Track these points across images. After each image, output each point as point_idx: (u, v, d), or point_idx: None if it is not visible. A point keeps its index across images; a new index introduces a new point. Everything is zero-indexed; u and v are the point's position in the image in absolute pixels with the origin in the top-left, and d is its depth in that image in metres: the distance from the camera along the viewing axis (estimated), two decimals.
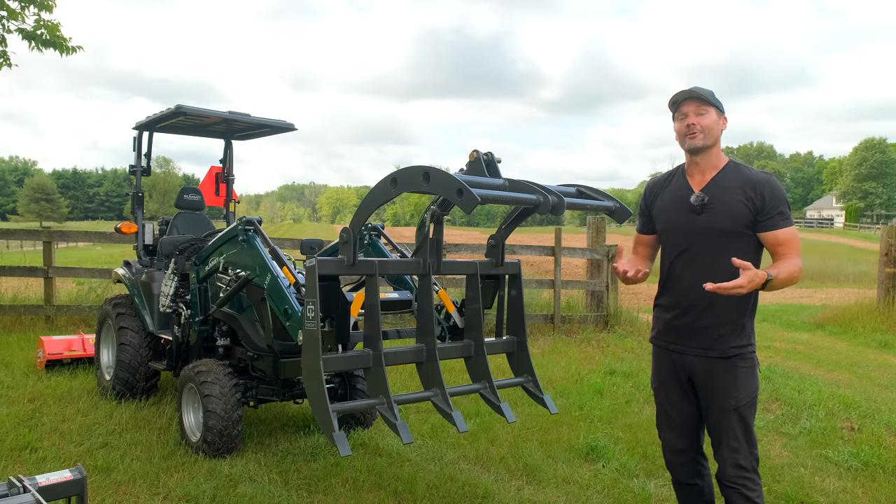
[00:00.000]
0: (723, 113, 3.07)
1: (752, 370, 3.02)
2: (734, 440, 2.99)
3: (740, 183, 2.97)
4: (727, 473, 2.99)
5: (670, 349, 3.17)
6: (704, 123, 3.00)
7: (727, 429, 3.00)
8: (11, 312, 8.61)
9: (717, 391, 3.02)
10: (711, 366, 3.02)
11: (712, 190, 3.01)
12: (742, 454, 2.98)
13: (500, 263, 3.84)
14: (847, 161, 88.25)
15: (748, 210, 2.93)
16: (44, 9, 8.93)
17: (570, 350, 8.72)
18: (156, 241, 6.16)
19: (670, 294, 3.16)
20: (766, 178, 2.98)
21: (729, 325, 2.99)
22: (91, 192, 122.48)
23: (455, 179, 2.82)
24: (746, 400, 2.99)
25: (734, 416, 2.98)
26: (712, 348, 3.01)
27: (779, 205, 2.92)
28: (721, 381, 3.00)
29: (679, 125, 3.09)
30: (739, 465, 2.97)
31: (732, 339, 2.99)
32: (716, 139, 3.05)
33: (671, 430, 3.24)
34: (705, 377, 3.04)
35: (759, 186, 2.93)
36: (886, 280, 11.23)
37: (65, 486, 2.48)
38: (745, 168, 3.06)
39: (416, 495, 4.01)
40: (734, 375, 2.99)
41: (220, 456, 4.43)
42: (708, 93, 3.05)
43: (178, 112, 5.49)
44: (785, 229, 2.92)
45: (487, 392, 3.70)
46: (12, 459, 4.33)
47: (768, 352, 9.37)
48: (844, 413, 6.09)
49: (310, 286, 3.23)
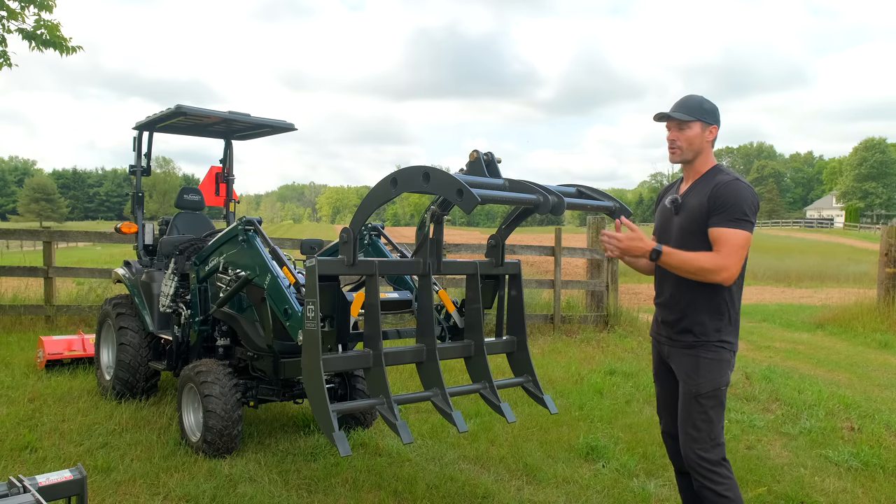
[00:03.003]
0: (711, 123, 3.14)
1: (718, 363, 3.09)
2: (692, 428, 3.08)
3: (710, 186, 3.08)
4: (688, 458, 3.09)
5: (658, 340, 3.36)
6: (684, 138, 3.13)
7: (687, 414, 3.11)
8: (11, 312, 8.61)
9: (681, 378, 3.18)
10: (678, 354, 3.20)
11: (689, 193, 3.16)
12: (701, 443, 3.05)
13: (500, 263, 3.84)
14: (847, 161, 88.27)
15: (705, 207, 3.04)
16: (44, 9, 8.93)
17: (570, 350, 8.72)
18: (156, 241, 6.16)
19: (658, 288, 3.36)
20: (728, 181, 3.04)
21: (696, 319, 3.12)
22: (91, 192, 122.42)
23: (455, 179, 2.82)
24: (706, 389, 3.07)
25: (694, 404, 3.09)
26: (679, 339, 3.18)
27: (727, 206, 2.97)
28: (684, 368, 3.16)
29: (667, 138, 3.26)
30: (700, 455, 3.05)
31: (696, 332, 3.12)
32: (697, 151, 3.15)
33: (668, 415, 3.38)
34: (674, 364, 3.23)
35: (718, 187, 3.03)
36: (886, 280, 11.23)
37: (65, 486, 2.48)
38: (722, 173, 3.12)
39: (416, 495, 4.01)
40: (695, 364, 3.11)
41: (220, 456, 4.43)
42: (693, 106, 3.13)
43: (178, 112, 5.49)
44: (722, 228, 2.97)
45: (487, 392, 3.70)
46: (12, 459, 4.33)
47: (768, 352, 9.37)
48: (844, 413, 6.09)
49: (310, 286, 3.23)
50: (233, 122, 5.98)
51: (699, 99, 3.17)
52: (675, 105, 3.20)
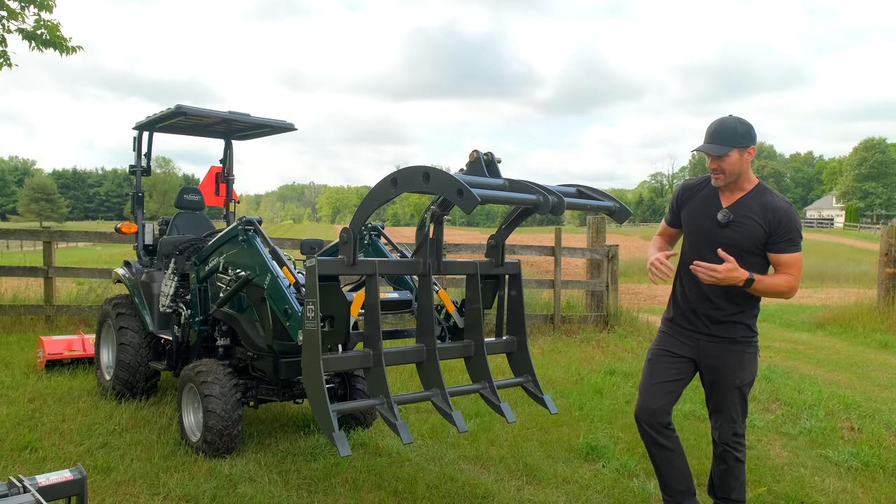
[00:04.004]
0: (748, 146, 3.30)
1: (755, 357, 3.52)
2: (734, 412, 3.51)
3: (762, 207, 3.33)
4: (726, 438, 3.53)
5: (686, 330, 3.56)
6: (725, 166, 3.33)
7: (730, 403, 3.49)
8: (11, 312, 8.61)
9: (724, 371, 3.47)
10: (722, 349, 3.46)
11: (738, 209, 3.38)
12: (738, 424, 3.53)
13: (500, 263, 3.84)
14: (847, 161, 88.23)
15: (764, 232, 3.32)
16: (44, 9, 8.92)
17: (570, 350, 8.72)
18: (156, 241, 6.16)
19: (691, 285, 3.53)
20: (786, 208, 3.33)
21: (736, 317, 3.43)
22: (91, 192, 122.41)
23: (455, 179, 2.82)
24: (749, 380, 3.50)
25: (737, 393, 3.48)
26: (726, 335, 3.45)
27: (790, 232, 3.30)
28: (727, 362, 3.46)
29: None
30: (736, 433, 3.53)
31: (740, 329, 3.45)
32: (738, 173, 3.35)
33: (661, 397, 3.55)
34: (715, 359, 3.48)
35: (777, 214, 3.30)
36: (886, 280, 11.23)
37: (65, 486, 2.48)
38: (770, 193, 3.39)
39: (416, 495, 4.01)
40: (741, 358, 3.46)
41: (220, 456, 4.43)
42: (727, 136, 3.29)
43: (178, 112, 5.48)
44: (790, 254, 3.32)
45: (487, 392, 3.70)
46: (12, 459, 4.33)
47: (768, 352, 9.37)
48: (844, 413, 6.09)
49: (310, 286, 3.23)
50: (233, 122, 5.98)
51: (732, 125, 3.31)
52: (709, 134, 3.35)
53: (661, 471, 3.63)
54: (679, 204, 3.65)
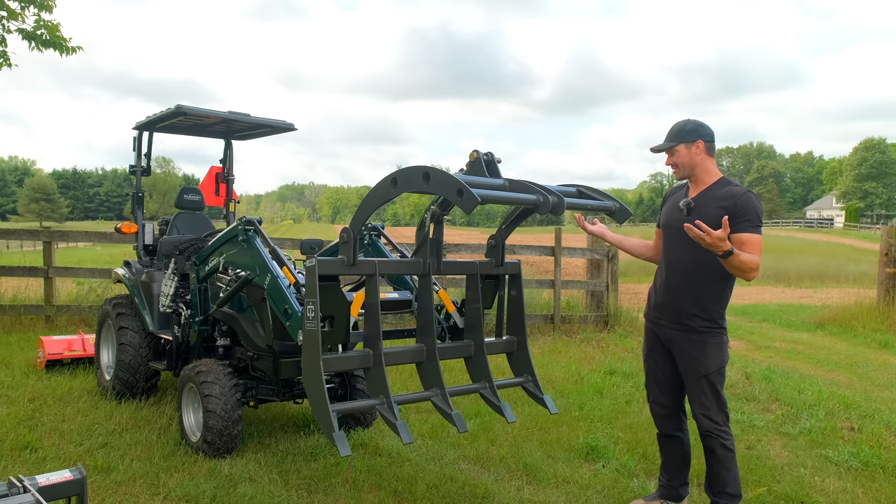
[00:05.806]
0: (692, 140, 3.55)
1: (721, 346, 3.60)
2: (705, 400, 3.59)
3: (723, 195, 3.52)
4: (701, 423, 3.60)
5: (658, 324, 3.75)
6: (676, 160, 3.61)
7: (699, 390, 3.60)
8: (11, 312, 8.61)
9: (687, 359, 3.62)
10: (683, 339, 3.62)
11: (700, 199, 3.58)
12: (712, 411, 3.58)
13: (500, 263, 3.84)
14: (847, 161, 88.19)
15: (723, 214, 3.38)
16: (44, 9, 8.92)
17: (570, 350, 8.72)
18: (156, 241, 6.16)
19: (666, 275, 3.71)
20: (743, 192, 3.49)
21: (706, 307, 3.56)
22: (91, 192, 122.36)
23: (455, 179, 2.82)
24: (714, 369, 3.57)
25: (704, 381, 3.58)
26: (687, 324, 3.59)
27: (747, 213, 3.43)
28: (690, 351, 3.60)
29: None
30: (711, 420, 3.58)
31: (700, 321, 3.57)
32: (692, 166, 3.59)
33: (658, 390, 3.84)
34: (679, 347, 3.65)
35: (734, 198, 3.47)
36: (886, 280, 11.23)
37: (65, 486, 2.48)
38: (730, 184, 3.59)
39: (416, 495, 4.01)
40: (703, 348, 3.57)
41: (220, 456, 4.43)
42: (674, 133, 3.60)
43: (178, 112, 5.49)
44: (749, 233, 3.42)
45: (487, 392, 3.70)
46: (12, 459, 4.33)
47: (768, 352, 9.37)
48: (844, 413, 6.09)
49: (310, 286, 3.23)
50: (233, 122, 5.98)
51: (681, 124, 3.61)
52: (652, 147, 3.70)
53: (666, 455, 3.92)
54: (662, 207, 3.97)
